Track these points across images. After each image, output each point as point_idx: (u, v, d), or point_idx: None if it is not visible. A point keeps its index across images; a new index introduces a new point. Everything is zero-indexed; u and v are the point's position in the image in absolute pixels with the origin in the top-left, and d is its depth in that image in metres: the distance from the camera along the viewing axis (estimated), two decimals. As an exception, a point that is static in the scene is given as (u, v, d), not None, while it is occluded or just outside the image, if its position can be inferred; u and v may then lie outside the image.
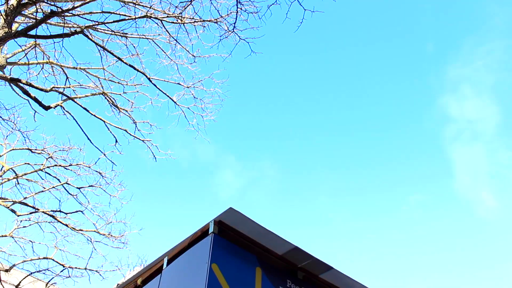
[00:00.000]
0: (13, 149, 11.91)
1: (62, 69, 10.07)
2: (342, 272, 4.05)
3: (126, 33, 9.75)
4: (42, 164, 11.87)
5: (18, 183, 11.75)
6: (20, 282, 11.07)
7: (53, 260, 11.52)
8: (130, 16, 8.54)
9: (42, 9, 7.62)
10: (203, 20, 9.05)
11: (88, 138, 10.30)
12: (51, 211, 11.54)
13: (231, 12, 8.69)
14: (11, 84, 8.87)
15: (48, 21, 8.34)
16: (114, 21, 8.44)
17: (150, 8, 8.93)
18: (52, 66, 10.05)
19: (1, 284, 11.65)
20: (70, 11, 7.90)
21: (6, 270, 11.44)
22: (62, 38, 7.04)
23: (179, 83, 10.77)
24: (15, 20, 8.11)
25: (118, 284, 4.66)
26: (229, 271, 3.32)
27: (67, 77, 10.21)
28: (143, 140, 11.19)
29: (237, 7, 7.57)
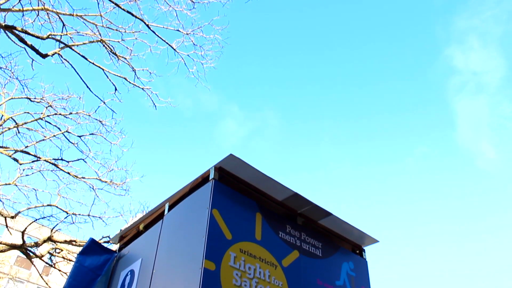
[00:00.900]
0: (12, 98, 11.86)
1: (58, 16, 9.85)
2: (341, 218, 4.12)
3: (123, -22, 9.48)
4: (42, 113, 11.87)
5: (19, 132, 11.79)
6: (25, 228, 11.33)
7: (56, 207, 11.74)
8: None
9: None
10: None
11: (87, 86, 10.24)
12: (53, 159, 11.64)
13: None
14: (6, 31, 8.71)
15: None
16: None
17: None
18: (47, 13, 9.83)
19: (8, 230, 11.93)
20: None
21: (12, 217, 11.69)
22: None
23: (178, 30, 10.58)
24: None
25: (121, 230, 4.76)
26: (229, 216, 3.37)
27: (63, 25, 10.00)
28: (142, 88, 11.13)
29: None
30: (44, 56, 9.23)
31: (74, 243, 11.27)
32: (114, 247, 4.80)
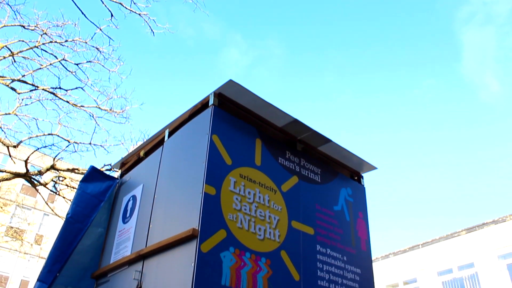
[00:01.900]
0: (4, 26, 11.54)
1: None
2: (340, 145, 4.14)
3: None
4: (37, 41, 11.61)
5: (15, 61, 11.60)
6: (28, 157, 11.47)
7: (58, 136, 11.80)
8: None
9: None
10: None
11: (82, 13, 9.92)
12: (51, 88, 11.54)
13: None
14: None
15: None
16: None
17: None
18: None
19: (12, 159, 12.07)
20: None
21: (14, 146, 11.79)
22: None
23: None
24: None
25: (122, 158, 4.79)
26: (229, 142, 3.38)
27: None
28: (139, 14, 10.79)
29: None
30: (35, -21, 8.86)
31: (76, 171, 11.45)
32: (116, 175, 4.86)
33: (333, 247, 3.75)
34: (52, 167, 11.36)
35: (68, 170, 11.55)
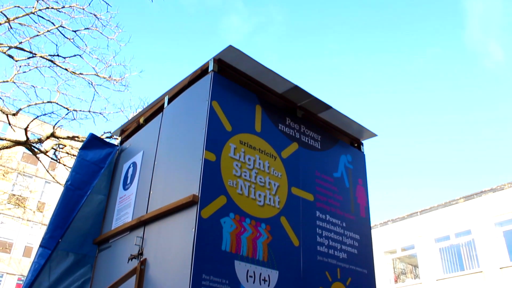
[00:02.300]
0: (0, -10, 11.32)
1: None
2: (340, 112, 4.12)
3: None
4: (33, 7, 11.40)
5: (11, 28, 11.42)
6: (28, 125, 11.44)
7: (57, 103, 11.74)
8: None
9: None
10: None
11: (78, -23, 9.71)
12: (49, 55, 11.41)
13: None
14: None
15: None
16: None
17: None
18: None
19: (11, 127, 12.05)
20: None
21: (13, 114, 11.74)
22: None
23: None
24: None
25: (122, 125, 4.78)
26: (229, 108, 3.36)
27: None
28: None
29: None
30: None
31: (76, 139, 11.45)
32: (116, 142, 4.86)
33: (332, 213, 3.78)
34: (52, 135, 11.35)
35: (68, 138, 11.54)
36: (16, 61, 11.50)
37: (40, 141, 11.48)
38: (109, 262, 3.87)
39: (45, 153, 11.82)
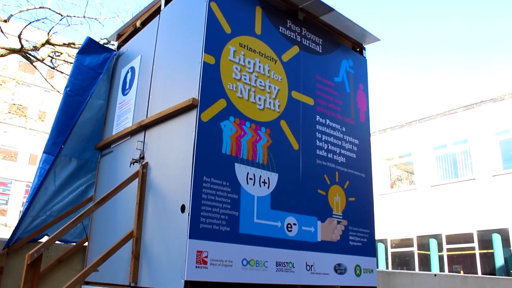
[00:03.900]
0: None
1: None
2: (343, 15, 3.97)
3: None
4: None
5: None
6: (21, 31, 11.12)
7: (49, 9, 11.32)
8: None
9: None
10: None
11: None
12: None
13: None
14: None
15: None
16: None
17: None
18: None
19: (4, 35, 11.74)
20: None
21: (5, 21, 11.37)
22: None
23: None
24: None
25: (118, 29, 4.63)
26: (228, 10, 3.23)
27: None
28: None
29: None
30: None
31: (73, 45, 11.17)
32: (113, 47, 4.74)
33: (332, 117, 3.78)
34: (47, 42, 11.07)
35: (64, 44, 11.26)
36: (4, -37, 10.92)
37: (36, 48, 11.23)
38: (111, 166, 3.95)
39: (41, 61, 11.61)
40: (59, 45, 11.32)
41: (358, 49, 4.41)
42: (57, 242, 3.81)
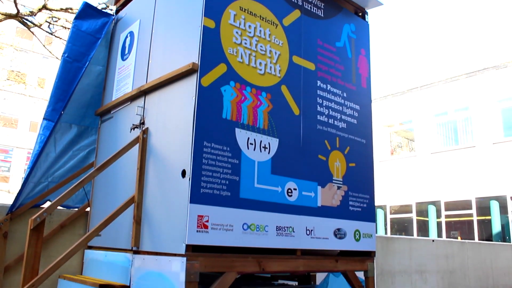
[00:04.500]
0: None
1: None
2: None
3: None
4: None
5: None
6: (18, -4, 10.91)
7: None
8: None
9: None
10: None
11: None
12: None
13: None
14: None
15: None
16: None
17: None
18: None
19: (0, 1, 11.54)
20: None
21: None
22: None
23: None
24: None
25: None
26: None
27: None
28: None
29: None
30: None
31: (70, 10, 10.99)
32: (112, 13, 4.66)
33: (333, 83, 3.75)
34: (44, 7, 10.89)
35: (61, 10, 11.07)
36: None
37: (32, 13, 11.05)
38: (112, 132, 3.95)
39: (39, 26, 11.44)
40: (56, 10, 11.14)
41: (360, 14, 4.34)
42: (59, 207, 3.85)
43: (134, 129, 3.48)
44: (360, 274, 3.73)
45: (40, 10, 10.99)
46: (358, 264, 3.68)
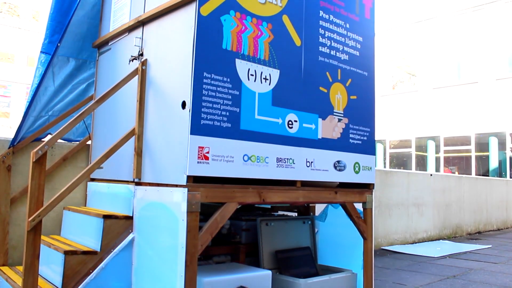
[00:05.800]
0: None
1: None
2: None
3: None
4: None
5: None
6: None
7: None
8: None
9: None
10: None
11: None
12: None
13: None
14: None
15: None
16: None
17: None
18: None
19: None
20: None
21: None
22: None
23: None
24: None
25: None
26: None
27: None
28: None
29: None
30: None
31: None
32: None
33: (336, 13, 3.63)
34: None
35: None
36: None
37: None
38: (110, 64, 3.89)
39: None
40: None
41: None
42: (60, 140, 3.87)
43: (132, 61, 3.42)
44: (359, 206, 3.81)
45: None
46: (357, 196, 3.74)
